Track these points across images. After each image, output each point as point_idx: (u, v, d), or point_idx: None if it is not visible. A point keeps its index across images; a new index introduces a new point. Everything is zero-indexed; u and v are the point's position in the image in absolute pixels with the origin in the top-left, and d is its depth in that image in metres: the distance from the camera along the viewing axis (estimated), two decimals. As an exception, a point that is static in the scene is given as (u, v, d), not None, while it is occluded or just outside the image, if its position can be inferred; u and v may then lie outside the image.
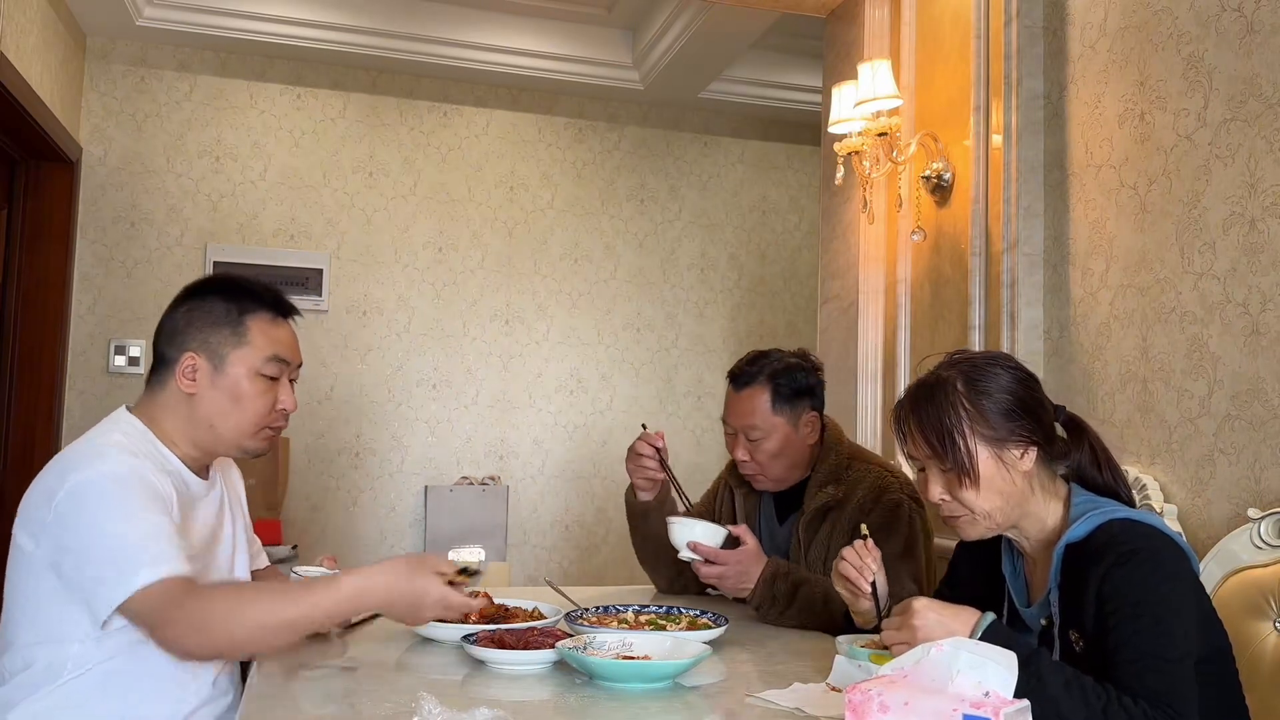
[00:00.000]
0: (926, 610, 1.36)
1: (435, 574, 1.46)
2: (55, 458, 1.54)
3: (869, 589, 1.61)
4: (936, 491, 1.49)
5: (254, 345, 1.62)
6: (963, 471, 1.44)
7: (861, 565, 1.63)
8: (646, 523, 2.25)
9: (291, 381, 1.68)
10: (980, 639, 1.32)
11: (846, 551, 1.66)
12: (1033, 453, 1.47)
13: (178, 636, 1.40)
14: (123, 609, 1.40)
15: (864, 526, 1.71)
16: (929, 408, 1.48)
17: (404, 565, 1.46)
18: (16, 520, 1.51)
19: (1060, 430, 1.53)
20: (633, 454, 2.20)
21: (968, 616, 1.36)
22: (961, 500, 1.46)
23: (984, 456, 1.44)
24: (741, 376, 2.18)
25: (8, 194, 4.00)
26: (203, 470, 1.67)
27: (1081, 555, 1.40)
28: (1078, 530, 1.42)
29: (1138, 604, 1.32)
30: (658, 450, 2.17)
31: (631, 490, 2.27)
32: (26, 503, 1.50)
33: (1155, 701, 1.25)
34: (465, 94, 4.85)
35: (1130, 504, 1.50)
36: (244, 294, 1.65)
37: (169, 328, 1.65)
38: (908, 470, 2.93)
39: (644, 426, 2.28)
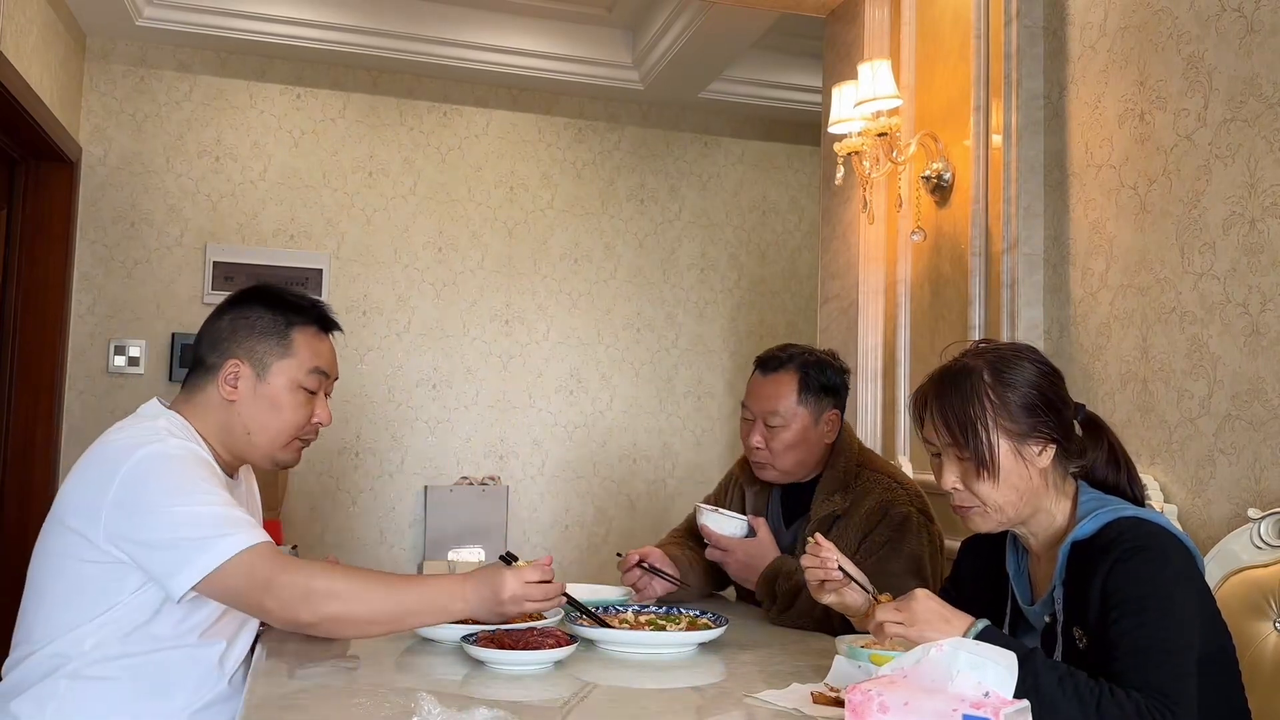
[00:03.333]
0: (926, 598, 1.38)
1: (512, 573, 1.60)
2: (97, 447, 1.55)
3: (841, 575, 1.61)
4: (950, 480, 1.48)
5: (298, 357, 1.67)
6: (982, 463, 1.43)
7: (823, 562, 1.63)
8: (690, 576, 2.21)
9: (326, 395, 1.74)
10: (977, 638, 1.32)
11: (805, 560, 1.66)
12: (1051, 450, 1.46)
13: (279, 603, 1.45)
14: (205, 584, 1.44)
15: (810, 535, 1.70)
16: (954, 395, 1.46)
17: (492, 579, 1.59)
18: (59, 508, 1.53)
19: (1078, 429, 1.52)
20: (628, 583, 2.11)
21: (965, 618, 1.37)
22: (975, 491, 1.46)
23: (1004, 450, 1.44)
24: (771, 361, 2.16)
25: (8, 194, 4.00)
26: (232, 471, 1.71)
27: (1087, 552, 1.40)
28: (1085, 528, 1.42)
29: (1142, 598, 1.32)
30: (639, 564, 2.09)
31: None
32: (74, 491, 1.53)
33: (1151, 694, 1.25)
34: (465, 94, 4.85)
35: (1140, 505, 1.50)
36: (290, 306, 1.70)
37: (213, 334, 1.68)
38: (909, 468, 2.94)
39: (619, 555, 2.18)
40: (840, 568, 1.62)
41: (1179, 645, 1.30)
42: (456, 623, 1.73)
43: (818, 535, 1.66)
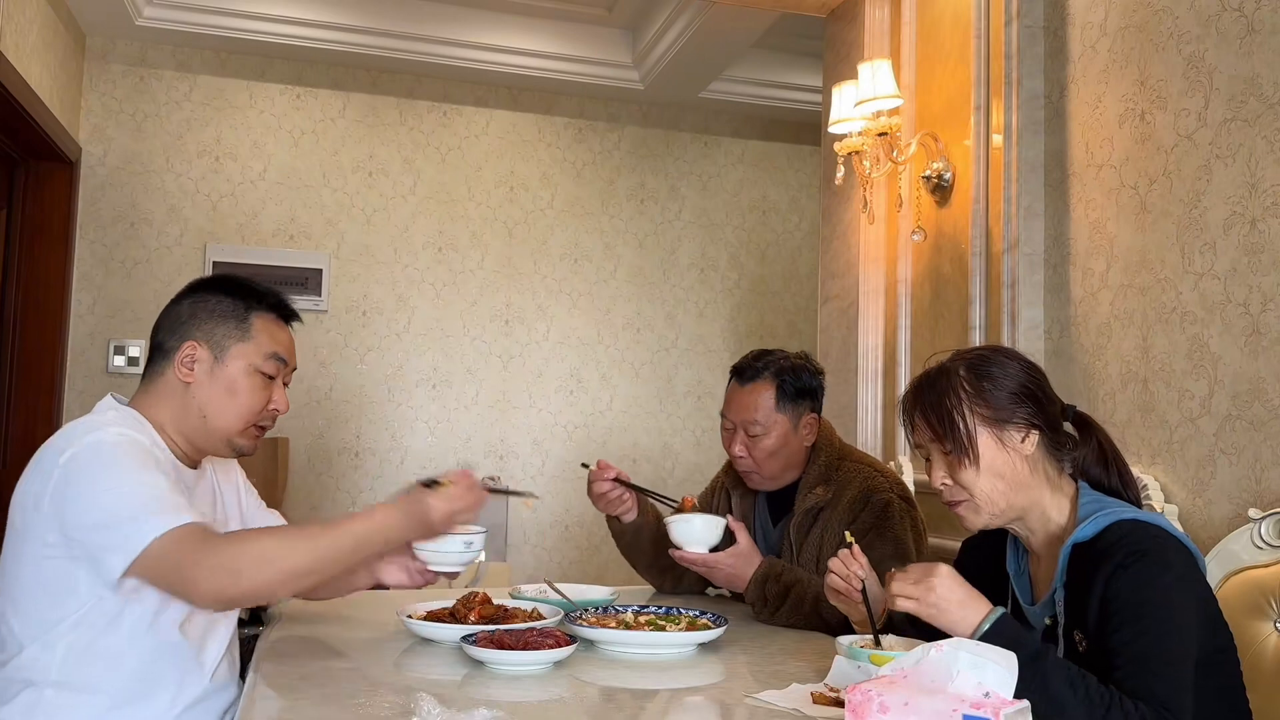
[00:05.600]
0: (949, 578, 1.38)
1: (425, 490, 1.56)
2: (44, 445, 1.55)
3: (860, 596, 1.61)
4: (939, 475, 1.50)
5: (256, 341, 1.66)
6: (962, 451, 1.46)
7: (848, 574, 1.63)
8: (640, 538, 2.25)
9: (285, 384, 1.72)
10: (988, 630, 1.33)
11: (833, 562, 1.66)
12: (1034, 437, 1.47)
13: (209, 580, 1.40)
14: (138, 565, 1.41)
15: (849, 534, 1.71)
16: (931, 392, 1.50)
17: (415, 503, 1.55)
18: (11, 511, 1.52)
19: (1069, 429, 1.54)
20: (596, 496, 2.16)
21: (982, 605, 1.37)
22: (962, 482, 1.47)
23: (984, 437, 1.46)
24: (747, 371, 2.17)
25: (8, 194, 4.00)
26: (193, 463, 1.68)
27: (1088, 556, 1.40)
28: (1085, 530, 1.42)
29: (1142, 605, 1.32)
30: (615, 479, 2.15)
31: (610, 515, 2.25)
32: (22, 489, 1.52)
33: (1156, 706, 1.26)
34: (465, 94, 4.85)
35: (1136, 505, 1.50)
36: (250, 293, 1.69)
37: (171, 319, 1.67)
38: (909, 467, 2.94)
39: (585, 465, 2.23)
40: (864, 589, 1.62)
41: (1179, 654, 1.30)
42: (457, 623, 1.74)
43: (856, 548, 1.66)
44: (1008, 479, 1.46)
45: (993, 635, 1.32)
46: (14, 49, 3.34)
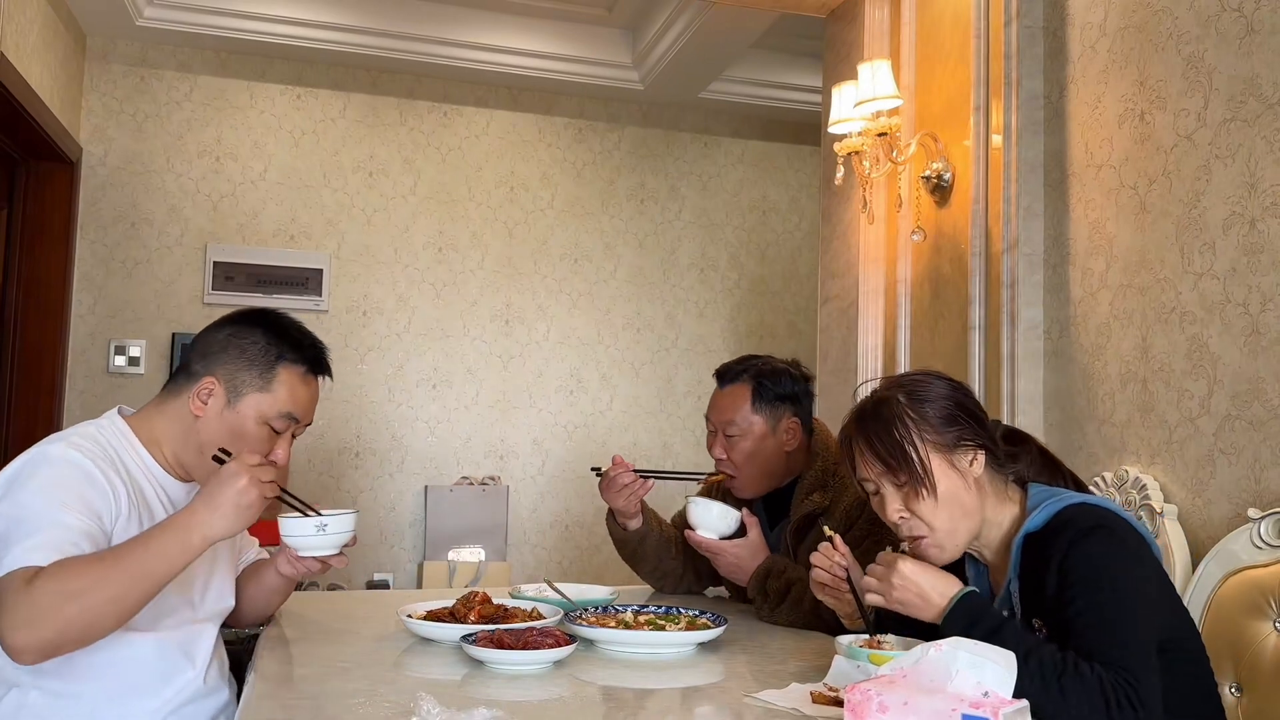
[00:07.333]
0: (911, 569, 1.41)
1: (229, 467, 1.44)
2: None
3: (846, 587, 1.61)
4: (894, 509, 1.48)
5: (275, 395, 1.63)
6: (919, 481, 1.44)
7: (831, 565, 1.63)
8: (645, 545, 2.26)
9: (294, 436, 1.69)
10: (953, 607, 1.37)
11: (814, 557, 1.66)
12: (982, 457, 1.47)
13: (10, 631, 1.29)
14: None
15: (827, 529, 1.71)
16: (875, 423, 1.48)
17: (208, 485, 1.44)
18: None
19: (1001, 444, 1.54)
20: (615, 487, 2.17)
21: (947, 589, 1.39)
22: (920, 514, 1.45)
23: (937, 464, 1.45)
24: (727, 374, 2.19)
25: (8, 194, 4.00)
26: (184, 477, 1.66)
27: (1040, 541, 1.41)
28: (1035, 520, 1.43)
29: (1098, 576, 1.32)
30: (634, 471, 2.17)
31: (614, 523, 2.26)
32: None
33: (1114, 668, 1.25)
34: (465, 94, 4.85)
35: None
36: (286, 340, 1.66)
37: (206, 343, 1.65)
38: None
39: (595, 470, 2.24)
40: (848, 578, 1.62)
41: (1137, 620, 1.30)
42: (457, 622, 1.74)
43: (836, 538, 1.66)
44: (965, 505, 1.46)
45: (953, 614, 1.36)
46: (14, 49, 3.34)
